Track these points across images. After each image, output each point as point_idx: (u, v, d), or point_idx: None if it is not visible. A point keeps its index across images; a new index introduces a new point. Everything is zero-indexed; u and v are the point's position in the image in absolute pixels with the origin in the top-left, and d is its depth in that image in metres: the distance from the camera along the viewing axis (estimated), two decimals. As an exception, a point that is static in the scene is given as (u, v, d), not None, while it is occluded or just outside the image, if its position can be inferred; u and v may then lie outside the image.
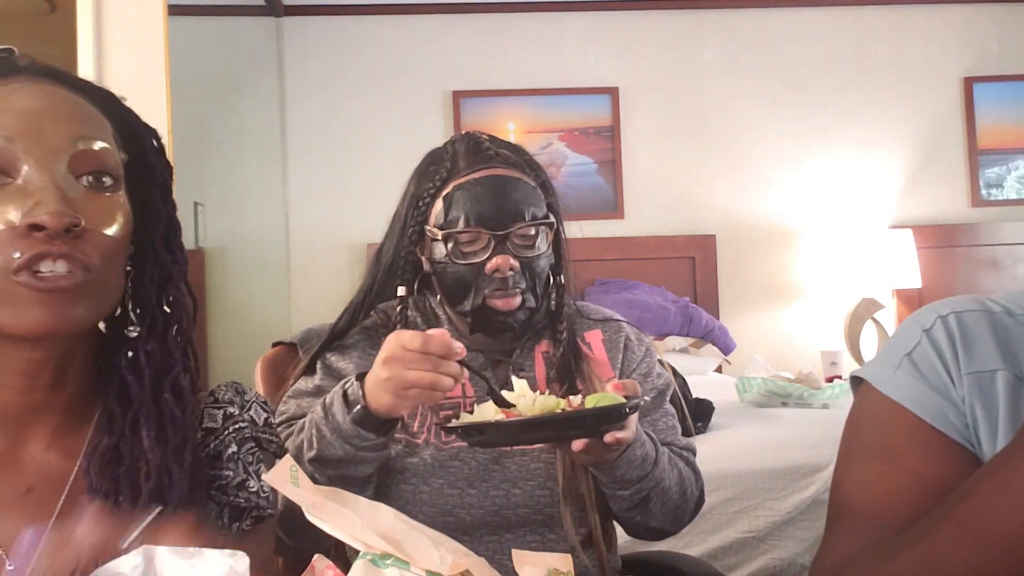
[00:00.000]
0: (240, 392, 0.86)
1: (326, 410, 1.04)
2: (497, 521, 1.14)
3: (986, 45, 4.12)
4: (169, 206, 0.80)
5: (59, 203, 0.67)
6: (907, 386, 0.84)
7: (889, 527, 0.81)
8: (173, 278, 0.79)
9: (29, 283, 0.67)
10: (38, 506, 0.73)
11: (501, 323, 1.15)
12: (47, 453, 0.75)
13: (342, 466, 1.04)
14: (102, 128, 0.74)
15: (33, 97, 0.72)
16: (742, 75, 4.07)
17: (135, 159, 0.77)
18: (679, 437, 1.24)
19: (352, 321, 1.23)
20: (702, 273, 3.97)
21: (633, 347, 1.26)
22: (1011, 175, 4.12)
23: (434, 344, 0.95)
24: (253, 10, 3.91)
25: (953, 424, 0.82)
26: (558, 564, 0.57)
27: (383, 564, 0.54)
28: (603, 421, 0.97)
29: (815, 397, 2.67)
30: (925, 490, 0.80)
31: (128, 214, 0.74)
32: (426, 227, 1.18)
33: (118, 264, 0.74)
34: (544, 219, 1.17)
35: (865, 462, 0.86)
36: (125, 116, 0.79)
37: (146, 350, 0.76)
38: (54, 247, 0.67)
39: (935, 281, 3.91)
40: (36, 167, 0.68)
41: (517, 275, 1.14)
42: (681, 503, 1.17)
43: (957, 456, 0.81)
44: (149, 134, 0.80)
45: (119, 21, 2.19)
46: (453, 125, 3.95)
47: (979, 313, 0.85)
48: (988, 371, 0.81)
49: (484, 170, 1.17)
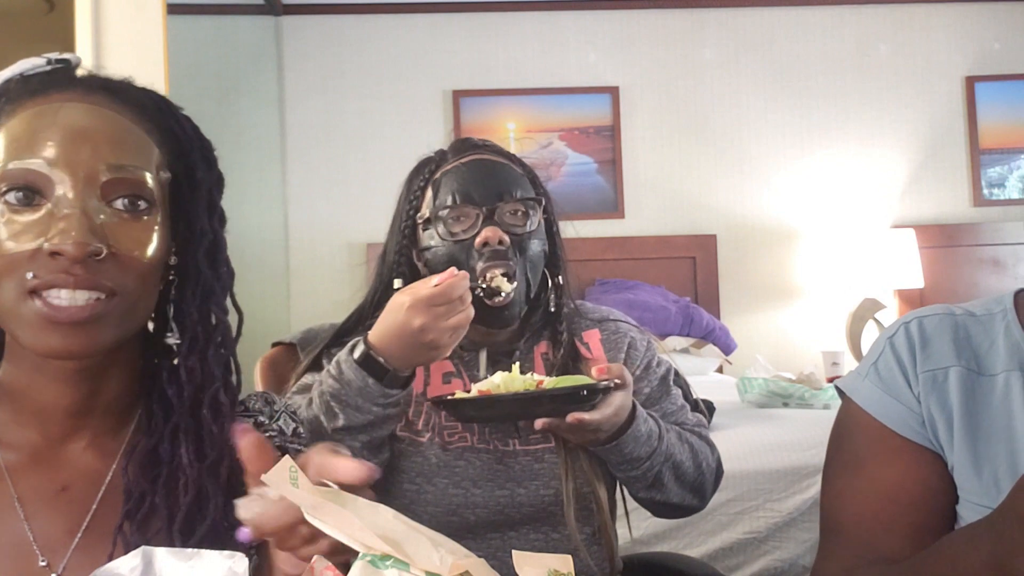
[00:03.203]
0: (270, 402, 0.86)
1: (342, 381, 1.04)
2: (501, 520, 1.14)
3: (988, 44, 4.11)
4: (216, 222, 0.80)
5: (83, 231, 0.67)
6: (871, 394, 0.88)
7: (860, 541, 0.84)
8: (216, 294, 0.79)
9: (41, 311, 0.67)
10: (73, 504, 0.73)
11: (497, 316, 1.15)
12: (85, 453, 0.75)
13: (372, 429, 1.05)
14: (143, 152, 0.74)
15: (78, 117, 0.71)
16: (742, 74, 4.06)
17: (182, 176, 0.77)
18: (688, 415, 1.25)
19: (360, 320, 1.24)
20: (703, 273, 3.96)
21: (636, 345, 1.26)
22: (1013, 174, 4.11)
23: (455, 289, 0.99)
24: (252, 9, 3.90)
25: (912, 427, 0.85)
26: (558, 565, 0.57)
27: (383, 565, 0.54)
28: (566, 401, 1.01)
29: (816, 398, 2.66)
30: (887, 497, 0.85)
31: (165, 235, 0.74)
32: (417, 217, 1.20)
33: (150, 284, 0.74)
34: (532, 198, 1.18)
35: (840, 475, 0.90)
36: (177, 130, 0.78)
37: (187, 365, 0.76)
38: (72, 275, 0.67)
39: (937, 281, 3.90)
40: (68, 191, 0.68)
41: (509, 251, 1.14)
42: (698, 476, 1.18)
43: (918, 459, 0.85)
44: (199, 148, 0.80)
45: (118, 20, 2.19)
46: (453, 125, 3.94)
47: (940, 317, 0.89)
48: (942, 368, 0.85)
49: (471, 155, 1.19)
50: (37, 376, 0.73)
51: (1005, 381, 0.83)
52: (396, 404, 1.05)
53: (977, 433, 0.82)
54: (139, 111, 0.75)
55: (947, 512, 0.85)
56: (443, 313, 0.98)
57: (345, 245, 3.86)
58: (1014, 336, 0.85)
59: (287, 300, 3.89)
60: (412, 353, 1.01)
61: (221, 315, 0.79)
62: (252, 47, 3.94)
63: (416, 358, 1.02)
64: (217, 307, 0.79)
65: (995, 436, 0.81)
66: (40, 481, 0.73)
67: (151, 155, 0.74)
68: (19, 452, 0.74)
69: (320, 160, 3.94)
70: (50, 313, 0.67)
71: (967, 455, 0.82)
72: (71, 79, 0.74)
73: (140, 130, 0.74)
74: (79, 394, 0.74)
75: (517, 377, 1.05)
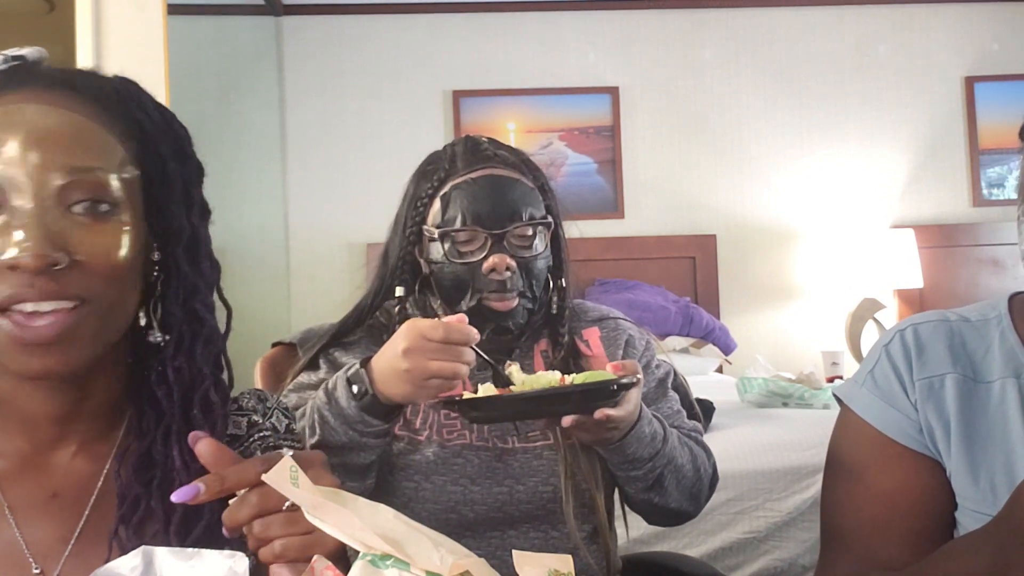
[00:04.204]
0: (263, 399, 0.85)
1: (329, 395, 1.04)
2: (500, 518, 1.14)
3: (987, 44, 4.11)
4: (194, 216, 0.76)
5: (40, 242, 0.64)
6: (869, 402, 0.88)
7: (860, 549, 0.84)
8: (200, 291, 0.75)
9: (12, 332, 0.65)
10: (65, 511, 0.72)
11: (498, 324, 1.15)
12: (75, 458, 0.74)
13: (344, 453, 1.03)
14: (104, 151, 0.70)
15: (33, 119, 0.68)
16: (742, 75, 4.06)
17: (153, 171, 0.73)
18: (685, 420, 1.25)
19: (359, 320, 1.23)
20: (702, 273, 3.96)
21: (634, 343, 1.26)
22: (1012, 175, 4.11)
23: (455, 333, 0.95)
24: (252, 9, 3.90)
25: (909, 434, 0.86)
26: (558, 565, 0.57)
27: (383, 565, 0.54)
28: (594, 397, 0.98)
29: (816, 397, 2.66)
30: (887, 504, 0.85)
31: (138, 235, 0.71)
32: (424, 227, 1.18)
33: (124, 287, 0.70)
34: (542, 220, 1.17)
35: (839, 483, 0.90)
36: (146, 122, 0.74)
37: (174, 365, 0.74)
38: (35, 288, 0.64)
39: (936, 281, 3.90)
40: (25, 201, 0.65)
41: (515, 276, 1.14)
42: (696, 480, 1.17)
43: (916, 466, 0.85)
44: (171, 140, 0.75)
45: (118, 20, 2.19)
46: (453, 125, 3.94)
47: (935, 323, 0.89)
48: (938, 375, 0.85)
49: (482, 170, 1.17)
50: (21, 384, 0.71)
51: (1001, 388, 0.83)
52: (375, 435, 1.03)
53: (974, 440, 0.82)
54: (102, 106, 0.72)
55: (946, 519, 0.85)
56: (432, 350, 0.95)
57: (345, 245, 3.86)
58: (1009, 342, 0.85)
59: (287, 300, 3.89)
60: (391, 377, 0.98)
61: (206, 313, 0.76)
62: (252, 47, 3.94)
63: (391, 384, 0.99)
64: (202, 304, 0.75)
65: (991, 443, 0.81)
66: (31, 488, 0.72)
67: (113, 153, 0.70)
68: (8, 460, 0.73)
69: (320, 160, 3.94)
70: (19, 334, 0.65)
71: (964, 462, 0.82)
72: (28, 77, 0.71)
73: (100, 127, 0.70)
74: (65, 401, 0.72)
75: (543, 375, 1.02)
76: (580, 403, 0.98)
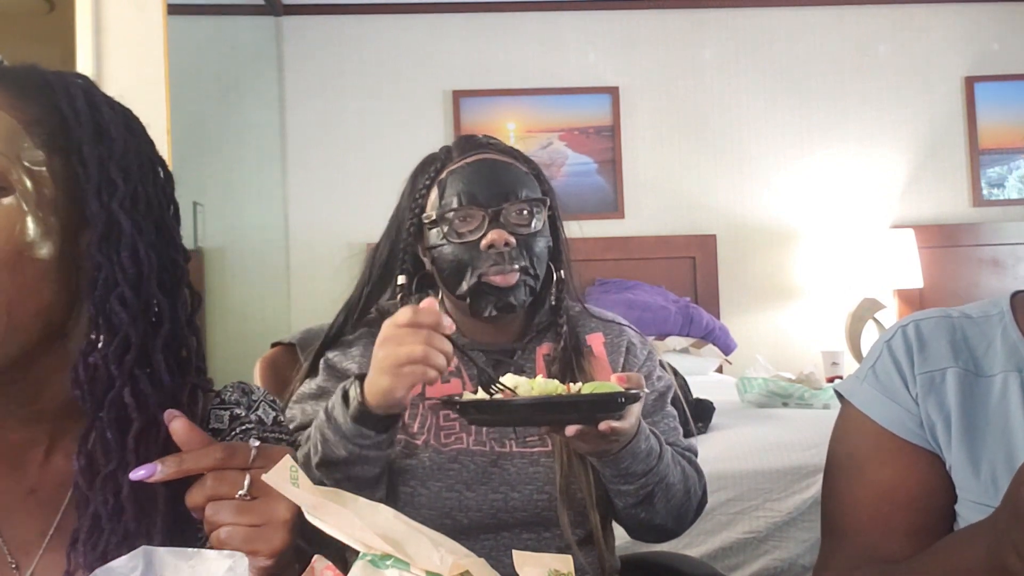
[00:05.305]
0: (247, 392, 0.83)
1: (328, 414, 1.04)
2: (494, 523, 1.14)
3: (987, 44, 4.11)
4: (114, 202, 0.70)
5: None
6: (869, 396, 0.89)
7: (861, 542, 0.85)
8: (116, 286, 0.69)
9: None
10: (42, 506, 0.72)
11: (500, 301, 1.14)
12: (50, 456, 0.74)
13: (347, 467, 1.03)
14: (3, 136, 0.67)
15: None
16: (742, 75, 4.06)
17: (66, 155, 0.70)
18: (681, 438, 1.24)
19: (348, 319, 1.23)
20: (702, 273, 3.96)
21: (635, 351, 1.26)
22: (1012, 175, 4.12)
23: (423, 315, 0.95)
24: (252, 9, 3.90)
25: (911, 429, 0.86)
26: (559, 565, 0.57)
27: (383, 565, 0.54)
28: (599, 408, 0.97)
29: (816, 397, 2.66)
30: (887, 498, 0.86)
31: (40, 224, 0.66)
32: (423, 215, 1.19)
33: (25, 276, 0.66)
34: (538, 198, 1.18)
35: (839, 477, 0.90)
36: (64, 107, 0.70)
37: (87, 362, 0.68)
38: None
39: (936, 281, 3.90)
40: None
41: (514, 251, 1.14)
42: (685, 501, 1.16)
43: (917, 460, 0.86)
44: (90, 122, 0.71)
45: (118, 20, 2.19)
46: (453, 125, 3.94)
47: (937, 319, 0.90)
48: (939, 370, 0.86)
49: (477, 155, 1.19)
50: None
51: (1003, 382, 0.84)
52: (374, 447, 1.02)
53: (975, 433, 0.83)
54: (15, 94, 0.69)
55: (946, 512, 0.85)
56: (402, 335, 0.95)
57: (345, 245, 3.85)
58: (1011, 337, 0.86)
59: (287, 300, 3.89)
60: (372, 373, 0.98)
61: (121, 310, 0.69)
62: (252, 47, 3.94)
63: (373, 381, 0.98)
64: (118, 301, 0.68)
65: (992, 436, 0.82)
66: (8, 484, 0.72)
67: (13, 137, 0.67)
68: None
69: (320, 160, 3.94)
70: None
71: (965, 455, 0.82)
72: None
73: (3, 113, 0.67)
74: (21, 403, 0.71)
75: (549, 382, 1.01)
76: (586, 413, 0.97)
